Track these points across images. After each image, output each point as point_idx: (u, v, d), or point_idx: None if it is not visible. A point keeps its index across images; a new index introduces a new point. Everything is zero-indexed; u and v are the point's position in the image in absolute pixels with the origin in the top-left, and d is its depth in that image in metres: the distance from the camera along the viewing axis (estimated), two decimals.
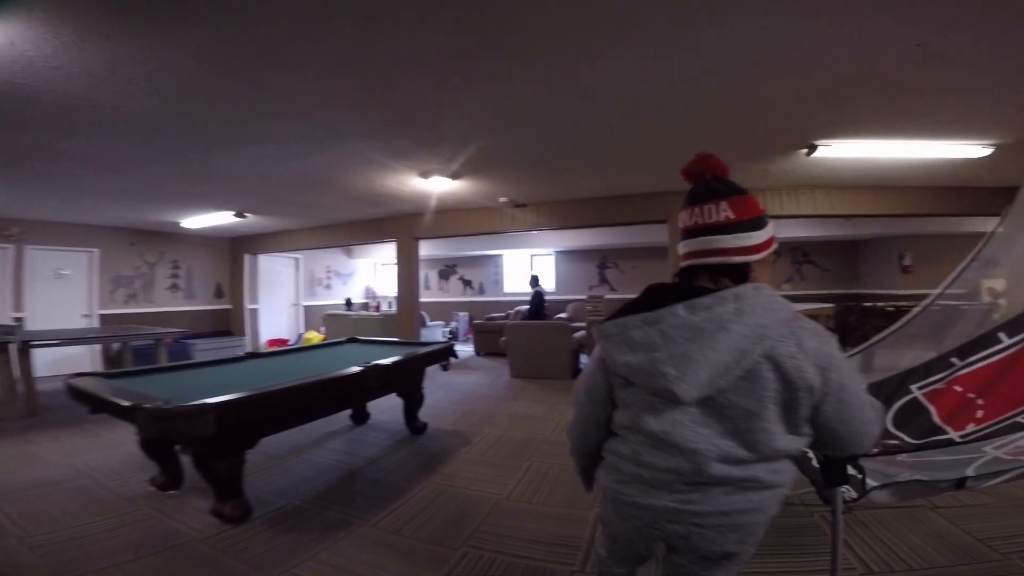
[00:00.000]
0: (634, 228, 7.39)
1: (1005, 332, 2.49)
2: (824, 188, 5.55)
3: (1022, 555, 1.95)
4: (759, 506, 1.02)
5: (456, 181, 4.98)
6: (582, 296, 9.52)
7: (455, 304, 10.65)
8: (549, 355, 6.21)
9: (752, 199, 1.10)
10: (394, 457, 3.36)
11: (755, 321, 0.97)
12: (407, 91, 2.84)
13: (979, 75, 2.60)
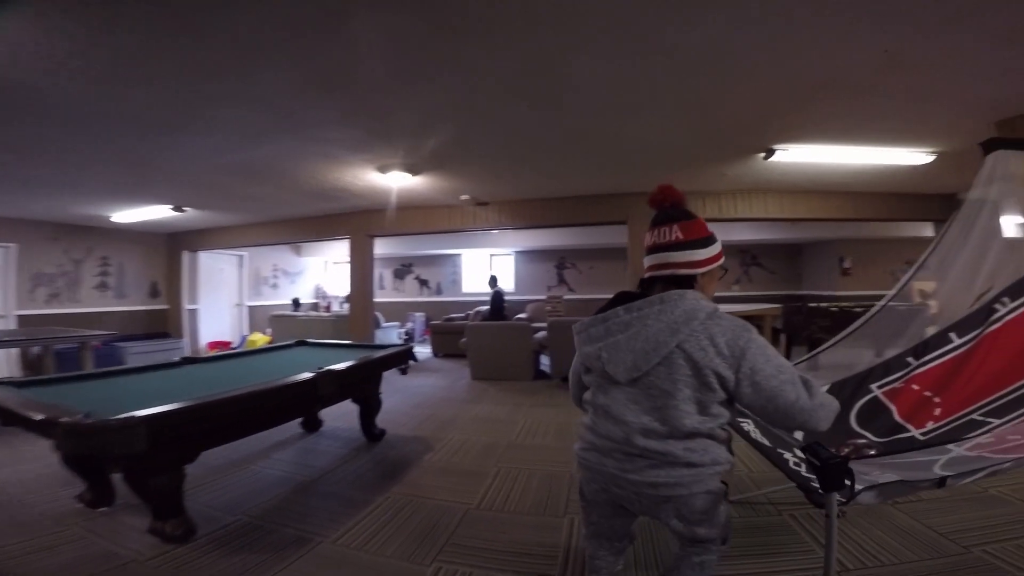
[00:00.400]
0: (591, 229, 7.44)
1: (955, 332, 2.60)
2: (775, 192, 5.74)
3: (983, 547, 2.01)
4: (680, 481, 1.24)
5: (416, 177, 4.80)
6: (541, 296, 9.52)
7: (411, 304, 10.39)
8: (510, 356, 6.11)
9: (700, 222, 1.38)
10: (351, 467, 3.16)
11: (671, 319, 1.24)
12: (366, 79, 2.67)
13: (935, 83, 2.72)
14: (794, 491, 2.61)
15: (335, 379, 2.98)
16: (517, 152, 4.17)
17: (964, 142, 3.66)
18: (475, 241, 9.40)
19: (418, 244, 9.43)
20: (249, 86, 2.74)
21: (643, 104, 3.09)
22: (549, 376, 6.09)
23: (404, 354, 3.98)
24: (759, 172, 4.80)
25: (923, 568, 1.89)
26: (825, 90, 2.83)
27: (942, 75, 2.60)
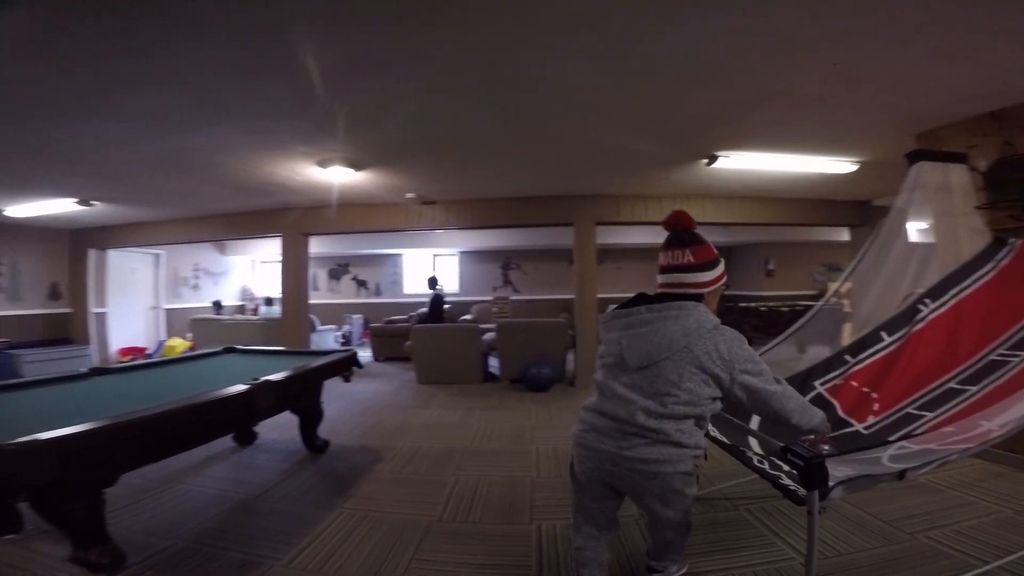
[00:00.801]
0: (537, 230, 7.45)
1: (886, 331, 2.78)
2: (712, 198, 6.00)
3: (925, 533, 2.15)
4: (668, 458, 1.44)
5: (359, 172, 4.56)
6: (487, 297, 9.44)
7: (347, 306, 9.95)
8: (459, 359, 5.97)
9: (708, 247, 1.60)
10: (295, 481, 2.92)
11: (686, 324, 1.46)
12: (312, 68, 2.46)
13: (874, 96, 2.91)
14: (748, 486, 2.71)
15: (273, 390, 2.74)
16: (469, 151, 4.06)
17: (886, 152, 3.98)
18: (418, 241, 9.16)
19: (356, 243, 9.05)
20: (177, 69, 2.46)
21: (601, 107, 3.08)
22: (498, 378, 6.00)
23: (348, 360, 3.75)
24: (701, 178, 4.97)
25: (877, 555, 1.99)
26: (772, 98, 2.95)
27: (880, 88, 2.78)
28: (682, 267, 1.56)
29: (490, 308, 8.68)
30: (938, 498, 2.51)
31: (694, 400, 1.44)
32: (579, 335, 5.79)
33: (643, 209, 5.82)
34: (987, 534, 2.10)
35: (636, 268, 9.72)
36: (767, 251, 9.15)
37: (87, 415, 1.92)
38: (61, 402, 2.40)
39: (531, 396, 5.21)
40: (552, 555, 2.07)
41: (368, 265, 10.04)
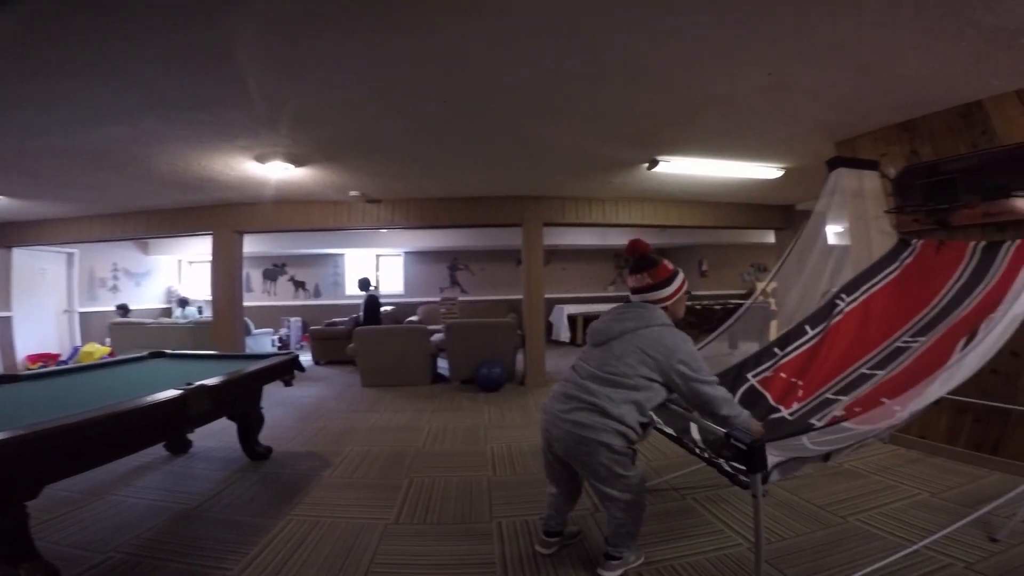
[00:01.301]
0: (484, 230, 7.47)
1: (809, 325, 3.01)
2: (651, 201, 6.25)
3: (855, 516, 2.34)
4: (593, 425, 1.71)
5: (300, 168, 4.39)
6: (433, 299, 9.32)
7: (284, 308, 9.51)
8: (406, 361, 5.86)
9: (663, 267, 1.94)
10: (238, 490, 2.77)
11: (641, 320, 1.84)
12: (254, 54, 2.34)
13: (802, 106, 3.14)
14: (692, 476, 2.85)
15: (208, 395, 2.59)
16: (421, 150, 4.00)
17: (808, 159, 4.30)
18: (360, 240, 8.91)
19: (293, 242, 8.67)
20: (110, 56, 2.27)
21: (558, 109, 3.13)
22: (448, 379, 5.95)
23: (288, 364, 3.60)
24: (641, 181, 5.17)
25: (815, 539, 2.14)
26: (711, 105, 3.11)
27: (808, 98, 3.01)
28: (645, 288, 1.92)
29: (438, 309, 8.59)
30: (863, 483, 2.74)
31: (628, 373, 1.74)
32: (528, 335, 5.85)
33: (587, 211, 5.97)
34: (910, 515, 2.31)
35: (580, 269, 9.95)
36: (701, 252, 9.66)
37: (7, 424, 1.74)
38: None
39: (483, 396, 5.20)
40: (515, 551, 2.08)
41: (307, 265, 9.65)
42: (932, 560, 1.90)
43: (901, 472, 2.87)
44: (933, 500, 2.47)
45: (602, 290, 10.07)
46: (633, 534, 1.87)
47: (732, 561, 1.99)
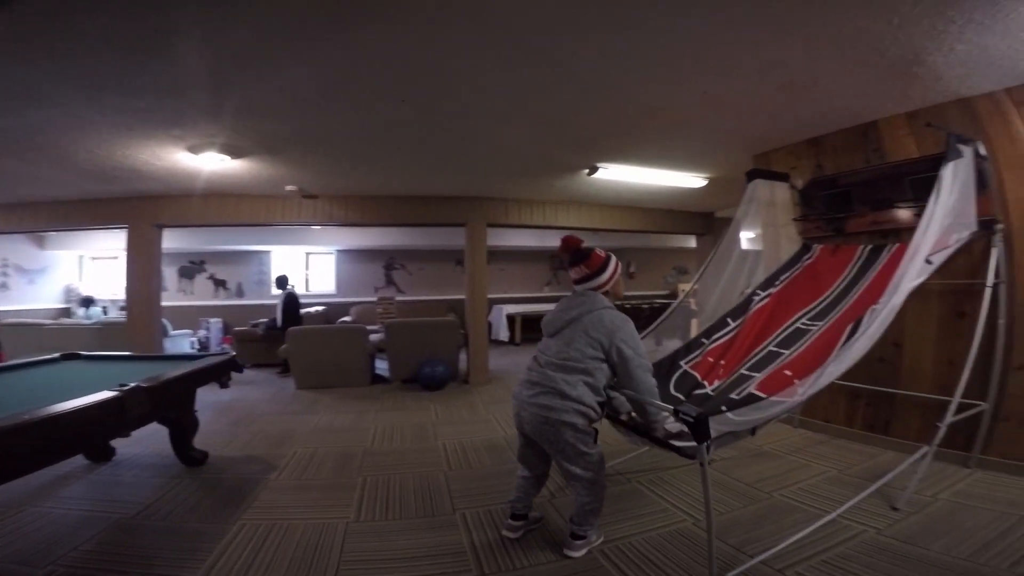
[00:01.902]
0: (422, 230, 7.43)
1: (730, 317, 3.34)
2: (588, 205, 6.53)
3: (779, 492, 2.63)
4: (554, 406, 1.90)
5: (237, 161, 4.17)
6: (368, 298, 9.10)
7: (203, 309, 8.86)
8: (344, 362, 5.71)
9: (595, 256, 2.12)
10: (179, 496, 2.62)
11: (585, 307, 2.01)
12: (204, 43, 2.23)
13: (729, 121, 3.45)
14: (633, 462, 3.06)
15: (147, 397, 2.44)
16: (372, 147, 3.93)
17: (729, 170, 4.71)
18: (289, 237, 8.51)
19: (213, 238, 8.09)
20: (43, 35, 2.08)
21: (513, 114, 3.22)
22: (388, 380, 5.86)
23: (226, 365, 3.44)
24: (581, 186, 5.41)
25: (748, 512, 2.39)
26: (651, 117, 3.34)
27: (735, 114, 3.32)
28: (584, 278, 2.10)
29: (374, 309, 8.42)
30: (781, 463, 3.07)
31: (579, 357, 1.93)
32: (471, 334, 5.90)
33: (529, 213, 6.14)
34: (823, 490, 2.63)
35: (518, 270, 10.12)
36: (630, 255, 10.17)
37: None
38: None
39: (427, 395, 5.19)
40: (483, 539, 2.16)
41: (228, 263, 9.04)
42: (849, 528, 2.18)
43: (811, 452, 3.24)
44: (841, 476, 2.83)
45: (539, 290, 10.32)
46: (596, 511, 2.02)
47: (681, 535, 2.19)
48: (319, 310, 8.47)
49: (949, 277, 2.86)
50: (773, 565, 1.89)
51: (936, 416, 2.80)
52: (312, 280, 9.53)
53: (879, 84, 2.82)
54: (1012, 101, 2.79)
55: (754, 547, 2.03)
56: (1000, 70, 2.56)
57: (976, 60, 2.45)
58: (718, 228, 7.42)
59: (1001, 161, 2.85)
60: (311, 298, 9.09)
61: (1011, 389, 2.74)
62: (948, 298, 3.02)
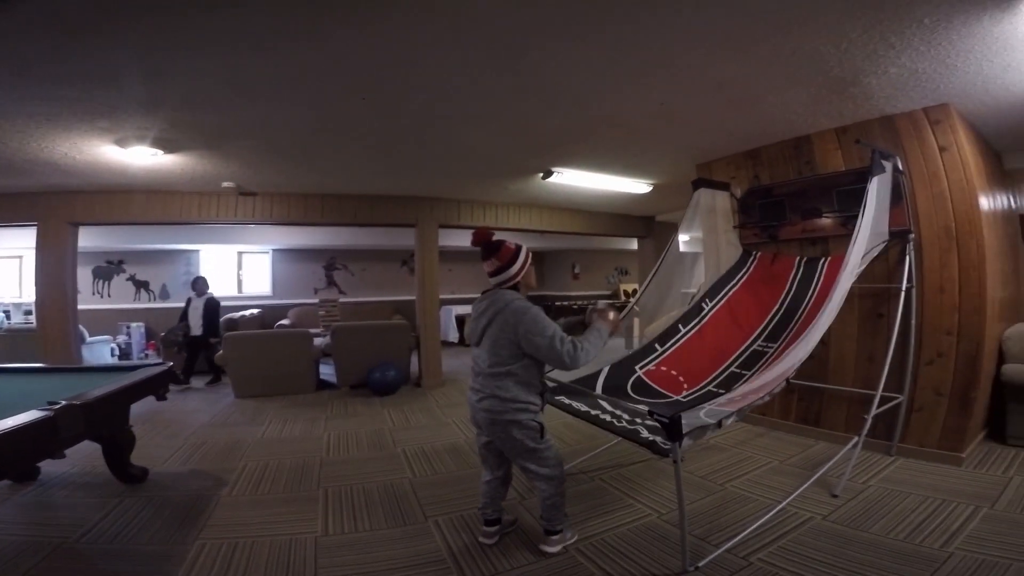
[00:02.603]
0: (366, 229, 7.22)
1: (682, 323, 3.53)
2: (538, 207, 6.65)
3: (731, 483, 2.81)
4: (494, 408, 1.99)
5: (170, 155, 3.88)
6: (307, 300, 8.73)
7: (122, 313, 8.12)
8: (287, 368, 5.46)
9: (506, 249, 2.12)
10: (122, 517, 2.42)
11: (491, 309, 2.05)
12: (145, 28, 2.07)
13: (680, 131, 3.64)
14: (594, 460, 3.17)
15: (82, 415, 2.24)
16: (326, 144, 3.78)
17: (671, 177, 4.97)
18: (219, 235, 7.94)
19: (133, 236, 7.43)
20: None
21: (475, 117, 3.22)
22: (336, 385, 5.66)
23: (164, 376, 3.21)
24: (533, 189, 5.49)
25: (707, 504, 2.55)
26: (609, 125, 3.47)
27: (685, 126, 3.51)
28: (496, 270, 2.12)
29: (315, 312, 8.08)
30: (728, 455, 3.28)
31: (503, 361, 2.00)
32: (423, 336, 5.82)
33: (482, 214, 6.15)
34: (768, 480, 2.84)
35: (467, 270, 10.08)
36: (575, 256, 10.43)
37: None
38: None
39: (379, 400, 5.08)
40: (460, 544, 2.16)
41: (151, 263, 8.34)
42: (797, 515, 2.37)
43: (753, 445, 3.49)
44: (782, 466, 3.07)
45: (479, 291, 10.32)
46: (559, 506, 2.09)
47: (649, 529, 2.30)
48: (254, 313, 8.02)
49: (868, 282, 3.16)
50: (737, 553, 2.04)
51: (859, 408, 3.11)
52: (246, 281, 9.00)
53: (817, 101, 3.07)
54: (928, 120, 3.11)
55: (718, 536, 2.18)
56: (922, 91, 2.85)
57: (904, 82, 2.72)
58: (658, 231, 7.78)
59: (915, 176, 3.18)
60: (245, 300, 8.60)
61: (922, 382, 3.09)
62: (867, 300, 3.34)
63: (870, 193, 2.68)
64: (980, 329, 2.92)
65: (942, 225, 3.09)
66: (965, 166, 3.02)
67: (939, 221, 3.10)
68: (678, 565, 1.94)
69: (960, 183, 3.03)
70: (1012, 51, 2.31)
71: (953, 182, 3.06)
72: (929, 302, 3.11)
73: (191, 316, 6.08)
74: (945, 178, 3.08)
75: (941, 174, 3.10)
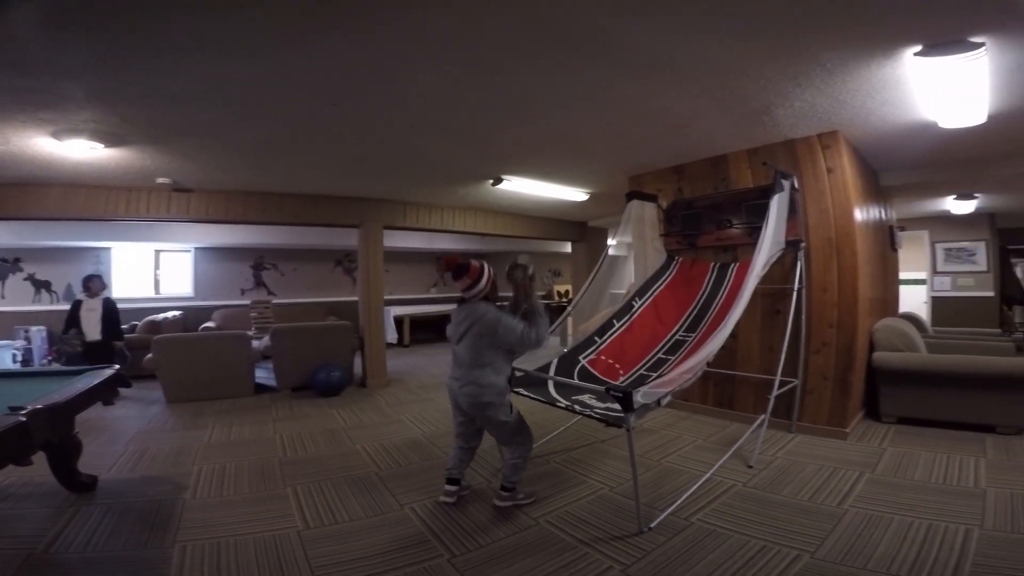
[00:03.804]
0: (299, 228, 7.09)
1: (616, 318, 3.95)
2: (484, 212, 6.91)
3: (665, 460, 3.24)
4: (473, 393, 2.45)
5: (108, 150, 3.71)
6: (234, 302, 8.37)
7: (19, 315, 7.34)
8: (224, 371, 5.29)
9: (473, 269, 2.55)
10: (85, 525, 2.38)
11: (472, 316, 2.50)
12: (119, 25, 2.07)
13: (619, 147, 4.05)
14: (548, 445, 3.49)
15: (48, 420, 2.21)
16: (274, 143, 3.77)
17: (606, 187, 5.42)
18: (135, 232, 7.39)
19: (33, 232, 6.76)
20: None
21: (434, 125, 3.40)
22: (275, 388, 5.56)
23: (113, 381, 3.12)
24: (482, 194, 5.72)
25: (648, 477, 2.94)
26: (559, 140, 3.80)
27: (625, 144, 3.93)
28: (468, 287, 2.55)
29: (242, 313, 7.80)
30: (660, 436, 3.74)
31: (482, 355, 2.45)
32: (368, 336, 5.86)
33: (427, 216, 6.29)
34: (696, 456, 3.30)
35: (404, 271, 10.08)
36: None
37: None
38: None
39: (324, 402, 5.08)
40: (442, 526, 2.37)
41: (54, 261, 7.57)
42: (722, 484, 2.82)
43: (680, 427, 3.98)
44: (706, 443, 3.56)
45: (425, 291, 10.42)
46: (520, 468, 2.56)
47: (604, 500, 2.66)
48: (176, 315, 7.58)
49: (769, 283, 3.71)
50: (679, 516, 2.44)
51: (764, 392, 3.65)
52: (164, 281, 8.44)
53: (735, 126, 3.56)
54: (820, 144, 3.71)
55: (662, 503, 2.57)
56: (818, 121, 3.40)
57: (805, 113, 3.24)
58: (591, 236, 8.30)
59: (807, 193, 3.79)
60: (163, 302, 8.09)
61: (812, 368, 3.71)
62: (768, 299, 3.90)
63: (772, 208, 3.21)
64: (854, 323, 3.57)
65: (825, 236, 3.70)
66: (846, 186, 3.63)
67: (823, 232, 3.72)
68: (634, 528, 2.30)
69: (842, 200, 3.65)
70: (890, 90, 2.82)
71: (836, 200, 3.67)
72: (815, 300, 3.73)
73: (85, 320, 5.20)
74: (830, 196, 3.69)
75: (827, 192, 3.70)
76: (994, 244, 7.52)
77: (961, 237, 7.64)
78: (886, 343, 3.95)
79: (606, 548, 2.16)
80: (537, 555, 2.11)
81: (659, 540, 2.21)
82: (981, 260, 7.55)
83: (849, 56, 2.43)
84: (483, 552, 2.16)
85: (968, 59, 2.27)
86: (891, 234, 5.40)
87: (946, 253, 7.81)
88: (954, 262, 7.76)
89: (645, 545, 2.18)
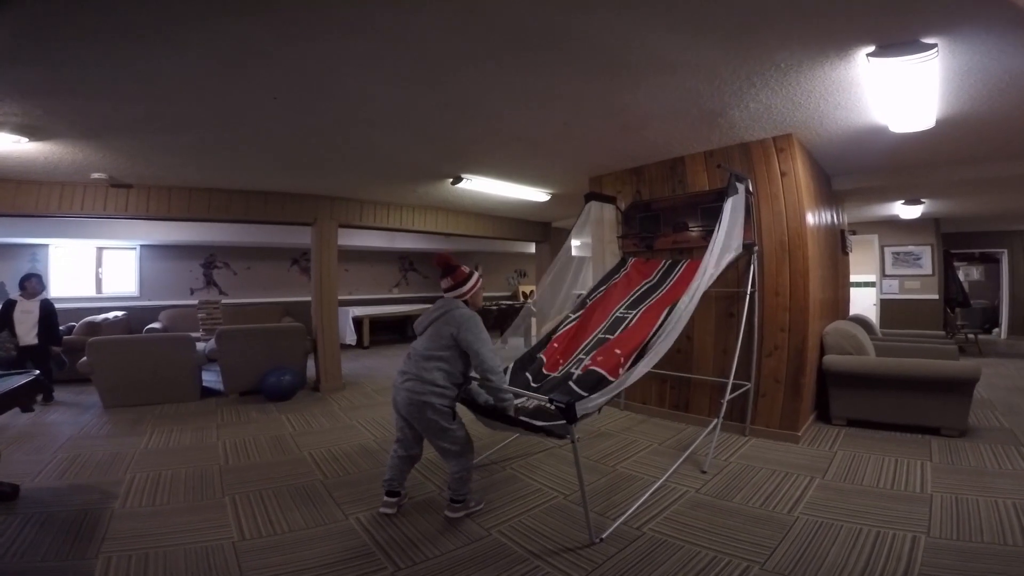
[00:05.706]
0: (252, 226, 6.86)
1: (571, 313, 3.92)
2: (445, 211, 6.81)
3: (621, 464, 3.21)
4: (417, 390, 2.33)
5: (34, 143, 3.45)
6: (182, 302, 7.97)
7: None
8: (166, 374, 5.00)
9: (459, 271, 2.57)
10: (3, 536, 2.22)
11: (444, 309, 2.47)
12: (43, 12, 1.92)
13: (579, 149, 4.03)
14: (503, 451, 3.42)
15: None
16: (224, 138, 3.58)
17: (567, 188, 5.42)
18: (75, 228, 6.95)
19: None
20: None
21: (391, 123, 3.31)
22: (222, 393, 5.31)
23: (33, 386, 2.89)
24: (442, 193, 5.62)
25: (602, 484, 2.90)
26: (518, 140, 3.75)
27: (584, 145, 3.90)
28: (451, 288, 2.54)
29: (190, 314, 7.42)
30: (615, 440, 3.72)
31: (437, 347, 2.38)
32: (321, 339, 5.65)
33: (385, 215, 6.14)
34: (650, 460, 3.28)
35: (365, 271, 9.83)
36: (478, 258, 10.64)
37: None
38: None
39: (274, 406, 4.87)
40: (387, 538, 2.27)
41: None
42: (676, 490, 2.80)
43: (636, 431, 3.97)
44: (661, 448, 3.55)
45: (387, 292, 10.18)
46: (466, 480, 2.43)
47: (557, 509, 2.60)
48: (118, 316, 7.16)
49: (723, 286, 3.75)
50: (631, 525, 2.40)
51: (719, 394, 3.68)
52: (107, 280, 7.97)
53: (692, 128, 3.56)
54: (775, 147, 3.74)
55: (614, 512, 2.52)
56: (772, 123, 3.42)
57: (760, 114, 3.25)
58: (554, 236, 8.30)
59: (760, 196, 3.82)
60: (105, 301, 7.63)
61: (764, 371, 3.76)
62: (722, 302, 3.96)
63: (725, 211, 3.18)
64: (805, 326, 3.63)
65: (778, 239, 3.75)
66: (800, 189, 3.67)
67: (776, 236, 3.76)
68: (586, 539, 2.24)
69: (794, 204, 3.69)
70: (843, 92, 2.82)
71: (789, 203, 3.72)
72: (768, 303, 3.77)
73: (19, 323, 4.89)
74: (783, 199, 3.74)
75: (780, 195, 3.75)
76: (939, 248, 7.89)
77: (908, 241, 7.99)
78: (836, 346, 4.04)
79: (557, 561, 2.10)
80: (486, 569, 2.04)
81: (610, 551, 2.17)
82: (927, 264, 7.91)
83: (803, 55, 2.42)
84: (430, 565, 2.07)
85: (920, 60, 2.27)
86: (842, 238, 5.56)
87: (894, 257, 8.16)
88: (902, 265, 8.11)
89: (596, 557, 2.12)
